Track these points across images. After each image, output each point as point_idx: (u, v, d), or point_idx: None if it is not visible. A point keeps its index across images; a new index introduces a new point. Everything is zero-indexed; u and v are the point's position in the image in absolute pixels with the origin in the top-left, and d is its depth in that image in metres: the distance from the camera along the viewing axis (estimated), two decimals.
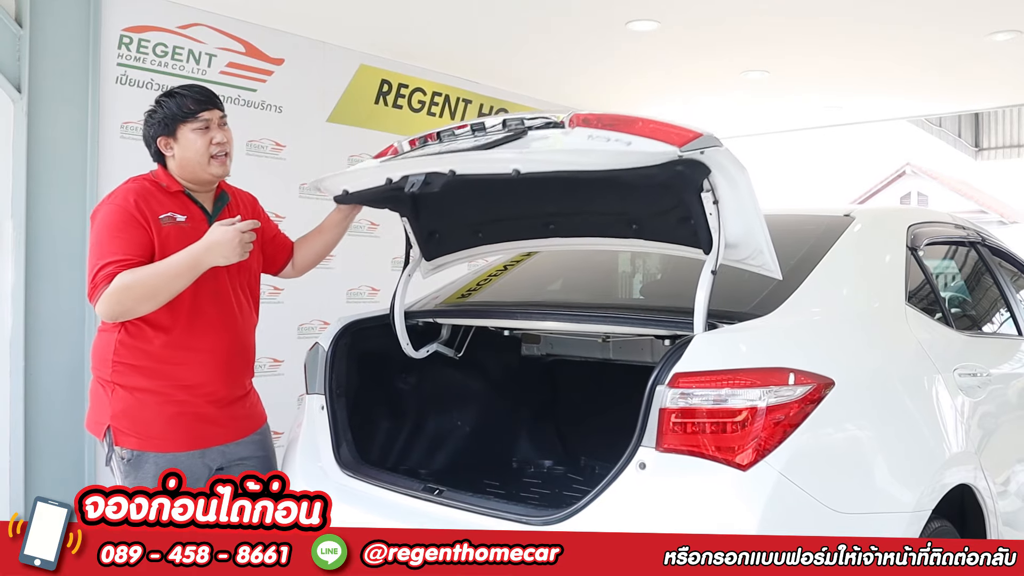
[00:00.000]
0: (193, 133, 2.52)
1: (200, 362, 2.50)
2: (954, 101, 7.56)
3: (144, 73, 4.39)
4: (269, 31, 4.93)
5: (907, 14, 4.88)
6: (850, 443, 2.04)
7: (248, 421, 2.65)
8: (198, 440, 2.49)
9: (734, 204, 2.05)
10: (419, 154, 2.41)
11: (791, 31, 5.17)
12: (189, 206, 2.56)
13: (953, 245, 3.19)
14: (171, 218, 2.49)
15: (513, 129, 2.21)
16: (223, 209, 2.65)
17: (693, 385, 1.86)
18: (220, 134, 2.55)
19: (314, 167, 5.19)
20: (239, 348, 2.62)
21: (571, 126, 2.12)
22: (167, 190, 2.54)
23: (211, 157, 2.53)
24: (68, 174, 4.13)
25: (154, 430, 2.45)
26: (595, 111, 2.16)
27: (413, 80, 5.81)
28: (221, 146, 2.54)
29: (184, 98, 2.54)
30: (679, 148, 1.91)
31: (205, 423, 2.50)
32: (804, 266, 2.34)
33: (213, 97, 2.60)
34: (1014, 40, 5.31)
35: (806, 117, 7.75)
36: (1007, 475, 2.62)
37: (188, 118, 2.52)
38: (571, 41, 5.35)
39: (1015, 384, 2.87)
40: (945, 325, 2.63)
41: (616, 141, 1.98)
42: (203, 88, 2.62)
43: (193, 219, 2.54)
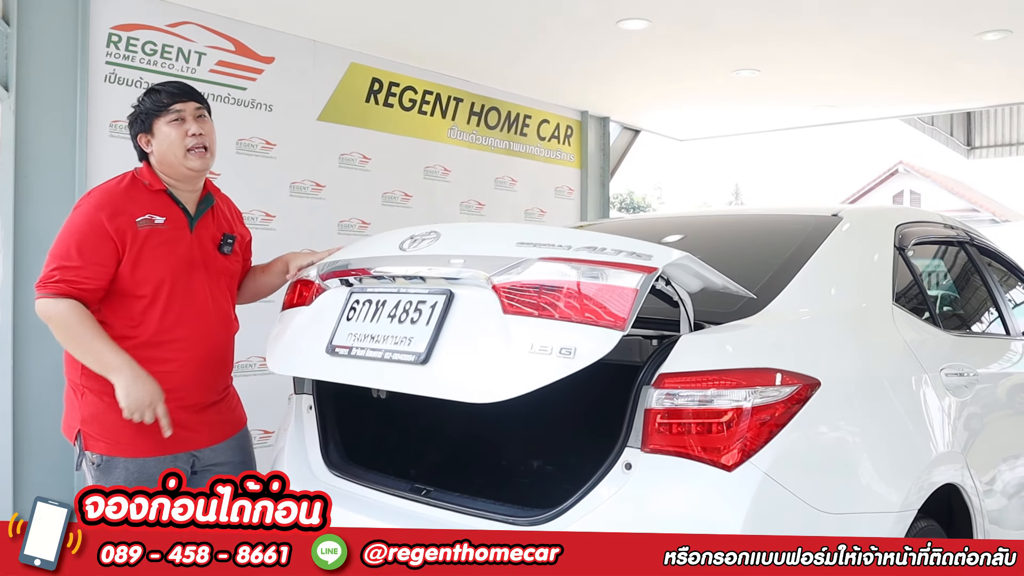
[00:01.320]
0: (168, 126, 2.49)
1: (171, 369, 2.47)
2: (945, 100, 7.58)
3: (133, 71, 4.38)
4: (259, 29, 4.92)
5: (898, 13, 4.89)
6: (836, 443, 2.04)
7: (224, 426, 2.63)
8: (168, 445, 2.45)
9: (695, 285, 2.00)
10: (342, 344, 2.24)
11: (782, 29, 5.17)
12: (170, 207, 2.54)
13: (941, 245, 3.20)
14: (149, 220, 2.47)
15: (437, 291, 2.09)
16: (206, 212, 2.62)
17: (679, 386, 1.85)
18: (195, 126, 2.51)
19: (305, 166, 5.20)
20: (214, 353, 2.58)
21: (503, 309, 1.92)
22: (149, 188, 2.52)
23: (187, 150, 2.50)
24: (56, 173, 4.11)
25: (123, 435, 2.43)
26: (518, 274, 1.92)
27: (404, 79, 5.80)
28: (196, 137, 2.50)
29: (159, 93, 2.53)
30: (626, 321, 1.76)
31: (176, 427, 2.44)
32: (791, 266, 2.34)
33: (188, 90, 2.56)
34: (1004, 39, 5.32)
35: (798, 116, 7.77)
36: (993, 474, 2.63)
37: (162, 112, 2.50)
38: (562, 39, 5.35)
39: (1002, 384, 2.87)
40: (932, 325, 2.63)
41: (558, 354, 1.80)
42: (179, 82, 2.61)
43: (173, 221, 2.52)
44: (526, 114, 6.80)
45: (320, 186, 5.26)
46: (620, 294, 1.78)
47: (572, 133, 7.29)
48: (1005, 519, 2.70)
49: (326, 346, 2.25)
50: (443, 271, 2.09)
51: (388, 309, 2.17)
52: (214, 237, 2.62)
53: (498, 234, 2.20)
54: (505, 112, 6.60)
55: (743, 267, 2.70)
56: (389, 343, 2.11)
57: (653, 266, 1.80)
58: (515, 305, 1.90)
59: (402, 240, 2.27)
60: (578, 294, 1.83)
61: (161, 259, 2.46)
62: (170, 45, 4.53)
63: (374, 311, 2.20)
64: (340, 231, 5.39)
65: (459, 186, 6.23)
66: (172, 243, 2.49)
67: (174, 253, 2.49)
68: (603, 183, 7.60)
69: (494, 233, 2.25)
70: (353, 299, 2.29)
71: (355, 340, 2.19)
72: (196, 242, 2.56)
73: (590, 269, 1.84)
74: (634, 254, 1.84)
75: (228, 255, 2.64)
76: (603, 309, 1.79)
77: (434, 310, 2.06)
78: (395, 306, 2.16)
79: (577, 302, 1.82)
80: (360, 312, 2.24)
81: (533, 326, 1.86)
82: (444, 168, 6.12)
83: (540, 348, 1.83)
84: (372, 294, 2.25)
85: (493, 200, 6.52)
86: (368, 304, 2.23)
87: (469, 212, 6.32)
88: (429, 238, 2.21)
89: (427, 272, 2.13)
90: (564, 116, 7.19)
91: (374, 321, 2.18)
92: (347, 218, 5.39)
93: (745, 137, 8.98)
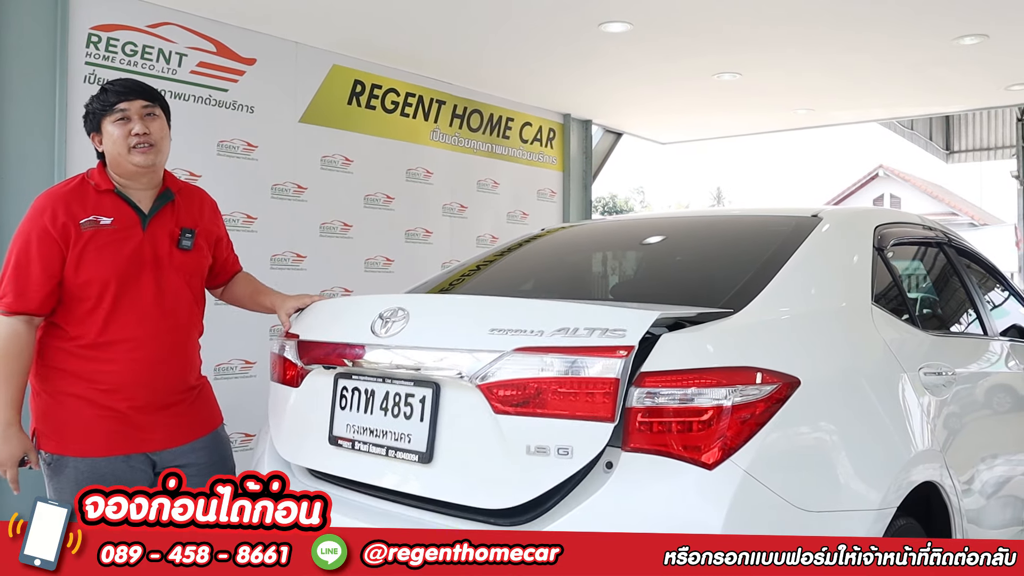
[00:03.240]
0: (112, 126, 2.47)
1: (116, 368, 2.44)
2: (924, 104, 7.66)
3: (113, 72, 4.34)
4: (240, 31, 4.90)
5: (877, 19, 4.94)
6: (816, 442, 2.05)
7: (186, 428, 2.57)
8: (119, 445, 2.43)
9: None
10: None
11: (763, 34, 5.21)
12: (120, 206, 2.49)
13: (920, 245, 3.23)
14: (94, 222, 2.44)
15: (423, 383, 2.11)
16: (163, 208, 2.56)
17: (659, 385, 1.86)
18: (140, 125, 2.46)
19: (286, 168, 5.18)
20: (165, 354, 2.52)
21: (492, 410, 1.95)
22: (96, 189, 2.48)
23: (131, 147, 2.45)
24: (37, 173, 4.08)
25: (73, 433, 2.42)
26: (499, 370, 1.94)
27: (386, 81, 5.80)
28: (140, 137, 2.45)
29: (106, 92, 2.50)
30: (615, 414, 1.84)
31: (128, 427, 2.44)
32: (772, 266, 2.35)
33: (136, 87, 2.51)
34: (981, 44, 5.39)
35: (779, 119, 7.82)
36: (971, 473, 2.65)
37: (107, 111, 2.47)
38: (544, 42, 5.37)
39: (980, 383, 2.90)
40: (911, 325, 2.65)
41: (556, 454, 1.88)
42: (129, 80, 2.57)
43: (122, 220, 2.48)
44: (508, 117, 6.81)
45: (302, 188, 5.24)
46: (604, 386, 1.85)
47: (554, 136, 7.31)
48: (983, 518, 2.72)
49: (328, 436, 2.30)
50: (424, 364, 2.12)
51: (379, 401, 2.20)
52: (172, 233, 2.56)
53: (468, 317, 2.19)
54: (488, 115, 6.60)
55: (724, 267, 2.72)
56: (389, 439, 2.16)
57: (629, 345, 1.85)
58: (504, 405, 1.95)
59: (371, 321, 2.24)
60: (563, 392, 1.89)
61: (106, 260, 2.43)
62: (151, 46, 4.51)
63: (365, 401, 2.24)
64: (322, 233, 5.38)
65: (441, 188, 6.23)
66: (119, 243, 2.45)
67: (120, 253, 2.45)
68: (585, 186, 7.62)
69: (464, 315, 2.22)
70: (341, 386, 2.31)
71: (354, 433, 2.24)
72: (149, 240, 2.51)
73: (569, 360, 1.89)
74: (608, 332, 1.88)
75: (188, 250, 2.58)
76: (590, 401, 1.86)
77: (424, 405, 2.10)
78: (384, 397, 2.19)
79: (564, 399, 1.89)
80: (351, 401, 2.27)
81: (526, 426, 1.93)
82: (426, 170, 6.11)
83: (537, 449, 1.90)
84: (359, 382, 2.27)
85: (475, 203, 6.52)
86: (357, 393, 2.26)
87: (451, 215, 6.32)
88: (399, 320, 2.20)
89: (407, 365, 2.15)
90: (546, 119, 7.21)
91: (368, 413, 2.22)
92: (329, 220, 5.38)
93: (727, 140, 9.04)
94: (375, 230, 5.70)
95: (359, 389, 2.26)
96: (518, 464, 1.92)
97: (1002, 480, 2.92)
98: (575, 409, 1.87)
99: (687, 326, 1.98)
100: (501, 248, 3.37)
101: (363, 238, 5.61)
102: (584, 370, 1.88)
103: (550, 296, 2.90)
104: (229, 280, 2.86)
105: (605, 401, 1.85)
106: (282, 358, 2.55)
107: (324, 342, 2.40)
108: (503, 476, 1.95)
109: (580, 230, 3.50)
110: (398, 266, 5.80)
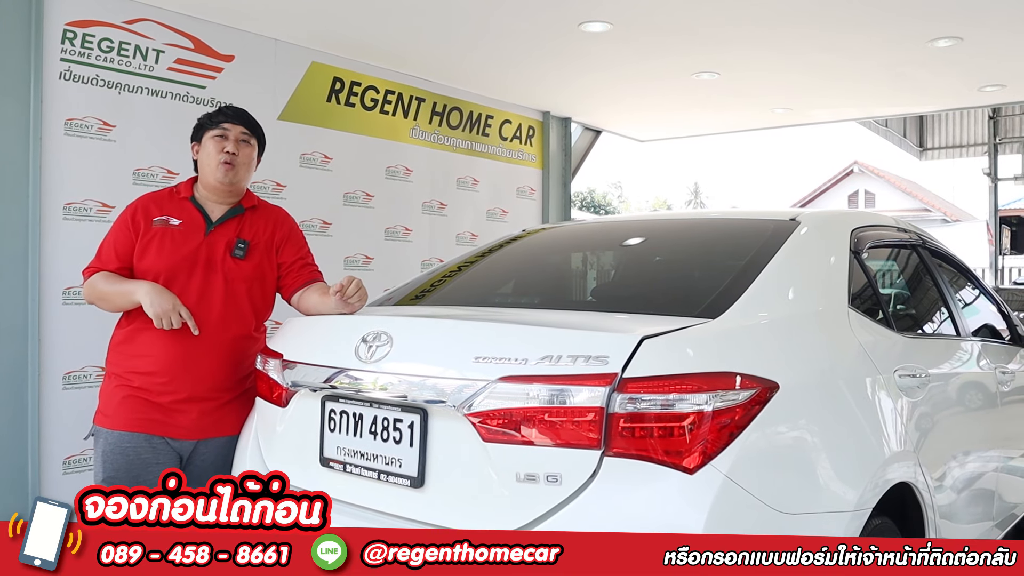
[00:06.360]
0: (210, 140, 2.79)
1: (152, 356, 2.65)
2: (899, 104, 7.74)
3: (89, 69, 4.30)
4: (218, 27, 4.86)
5: (854, 20, 4.99)
6: (794, 445, 2.08)
7: (211, 426, 2.70)
8: (142, 424, 2.63)
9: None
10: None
11: (742, 34, 5.25)
12: (191, 212, 2.77)
13: (895, 248, 3.27)
14: (164, 221, 2.74)
15: (410, 408, 2.12)
16: (230, 219, 2.78)
17: (641, 390, 1.87)
18: (232, 145, 2.77)
19: (265, 166, 5.10)
20: (205, 348, 2.67)
21: (481, 437, 1.97)
22: (178, 195, 2.80)
23: (218, 163, 2.74)
24: (11, 171, 4.03)
25: (110, 407, 2.69)
26: (485, 399, 1.96)
27: (366, 78, 5.77)
28: (228, 155, 2.75)
29: (219, 112, 2.85)
30: (601, 441, 1.86)
31: (153, 411, 2.64)
32: (751, 270, 2.38)
33: (244, 116, 2.85)
34: (954, 46, 5.46)
35: (756, 118, 7.87)
36: (943, 471, 2.70)
37: (211, 126, 2.80)
38: (524, 40, 5.37)
39: (952, 383, 2.95)
40: (887, 327, 2.69)
41: (545, 481, 1.90)
42: (240, 109, 2.90)
43: (189, 223, 2.75)
44: (488, 114, 6.81)
45: (281, 186, 5.22)
46: (590, 415, 1.88)
47: (534, 133, 7.31)
48: (955, 514, 2.77)
49: (319, 458, 2.32)
50: (410, 391, 2.12)
51: (368, 424, 2.21)
52: (229, 241, 2.77)
53: (452, 343, 2.18)
54: (467, 112, 6.60)
55: (704, 270, 2.75)
56: (380, 463, 2.18)
57: (613, 372, 1.87)
58: (492, 434, 1.97)
59: (355, 345, 2.25)
60: (549, 421, 1.91)
61: (164, 254, 2.69)
62: (127, 42, 4.46)
63: (354, 425, 2.25)
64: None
65: (421, 186, 6.22)
66: (180, 242, 2.71)
67: (178, 251, 2.70)
68: (565, 183, 7.64)
69: (448, 342, 2.21)
70: (329, 409, 2.31)
71: (345, 455, 2.26)
72: (208, 245, 2.74)
73: (554, 390, 1.91)
74: (591, 359, 1.90)
75: (240, 259, 2.77)
76: (576, 430, 1.89)
77: (413, 431, 2.12)
78: (373, 421, 2.20)
79: (550, 428, 1.91)
80: (340, 424, 2.28)
81: (514, 454, 1.95)
82: (406, 168, 6.10)
83: (527, 476, 1.93)
84: (347, 405, 2.27)
85: (455, 200, 6.52)
86: (346, 416, 2.27)
87: (431, 212, 6.31)
88: (383, 344, 2.21)
89: (394, 391, 2.16)
90: (526, 117, 7.21)
91: (357, 436, 2.24)
92: (308, 218, 5.35)
93: (705, 138, 9.07)
94: (355, 228, 5.68)
95: (347, 412, 2.27)
96: (508, 490, 1.95)
97: (973, 476, 2.98)
98: (562, 437, 1.90)
99: (668, 332, 2.00)
100: (482, 249, 3.38)
101: (343, 236, 5.59)
102: (569, 399, 1.90)
103: (531, 301, 2.92)
104: (299, 290, 2.89)
105: (591, 429, 1.87)
106: (266, 376, 2.55)
107: (308, 364, 2.39)
108: (495, 502, 1.97)
109: (560, 232, 3.52)
110: (378, 264, 5.79)
